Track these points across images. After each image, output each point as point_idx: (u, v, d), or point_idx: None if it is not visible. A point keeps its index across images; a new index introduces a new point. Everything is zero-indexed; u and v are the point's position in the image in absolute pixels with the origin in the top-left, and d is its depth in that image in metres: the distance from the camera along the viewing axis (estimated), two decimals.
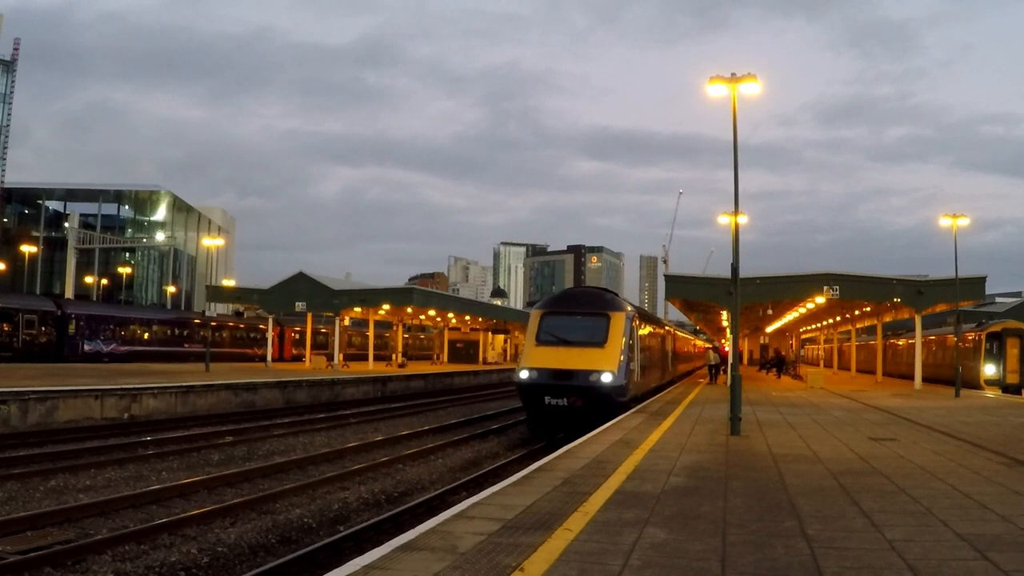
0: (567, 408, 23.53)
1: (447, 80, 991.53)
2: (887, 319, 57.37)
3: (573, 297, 28.26)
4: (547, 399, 23.71)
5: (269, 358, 62.77)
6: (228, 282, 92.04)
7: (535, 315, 26.19)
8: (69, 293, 74.06)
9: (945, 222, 40.67)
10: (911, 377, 45.98)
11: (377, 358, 67.82)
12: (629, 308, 26.76)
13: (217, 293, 74.98)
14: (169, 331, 64.54)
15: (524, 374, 24.28)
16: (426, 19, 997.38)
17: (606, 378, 23.61)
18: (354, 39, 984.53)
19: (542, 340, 24.86)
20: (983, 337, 45.84)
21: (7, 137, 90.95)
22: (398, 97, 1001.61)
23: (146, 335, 61.69)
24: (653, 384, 34.57)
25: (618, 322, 25.06)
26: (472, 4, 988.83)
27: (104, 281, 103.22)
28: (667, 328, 45.90)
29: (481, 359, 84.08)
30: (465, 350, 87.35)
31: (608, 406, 23.40)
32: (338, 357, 60.43)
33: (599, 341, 24.44)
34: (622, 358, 24.38)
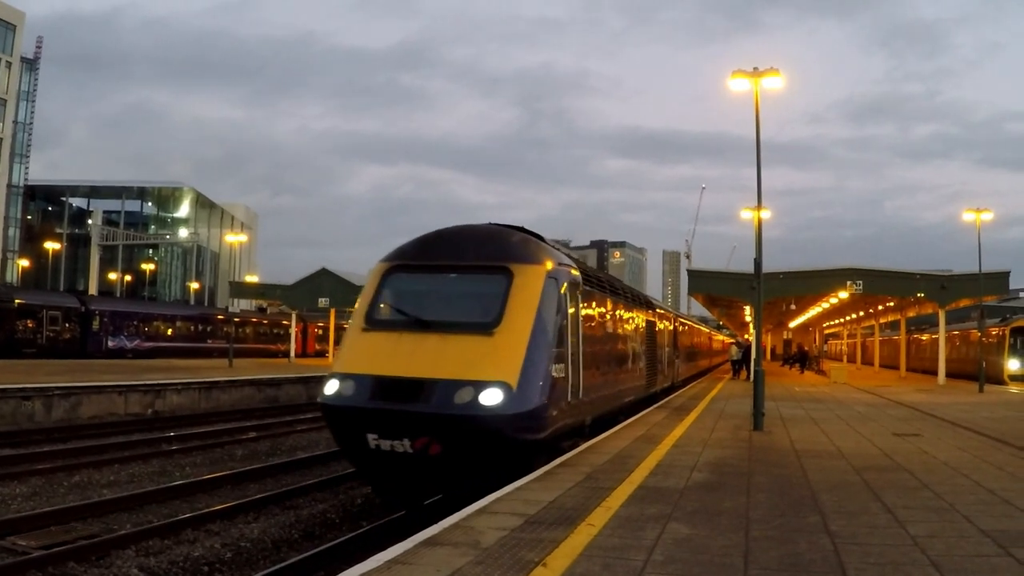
0: (413, 459, 12.12)
1: (482, 81, 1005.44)
2: (911, 314, 57.12)
3: (447, 240, 14.35)
4: (372, 439, 12.19)
5: (292, 354, 63.06)
6: (251, 278, 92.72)
7: (375, 273, 14.23)
8: (93, 289, 74.66)
9: (969, 217, 40.43)
10: (935, 372, 45.80)
11: None
12: (558, 262, 14.27)
13: (240, 289, 75.55)
14: (192, 327, 64.90)
15: (331, 387, 12.79)
16: (464, 23, 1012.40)
17: (491, 397, 11.90)
18: (393, 43, 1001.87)
19: (375, 321, 13.45)
20: (1007, 332, 45.49)
21: (31, 135, 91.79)
22: (433, 98, 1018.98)
23: (169, 331, 62.06)
24: (629, 397, 21.66)
25: (528, 284, 13.13)
26: (510, 8, 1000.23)
27: (128, 277, 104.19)
28: (659, 310, 31.20)
29: None
30: None
31: (500, 452, 12.20)
32: None
33: (486, 322, 12.72)
34: (536, 356, 12.58)
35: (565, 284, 14.09)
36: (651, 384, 26.12)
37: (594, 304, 17.01)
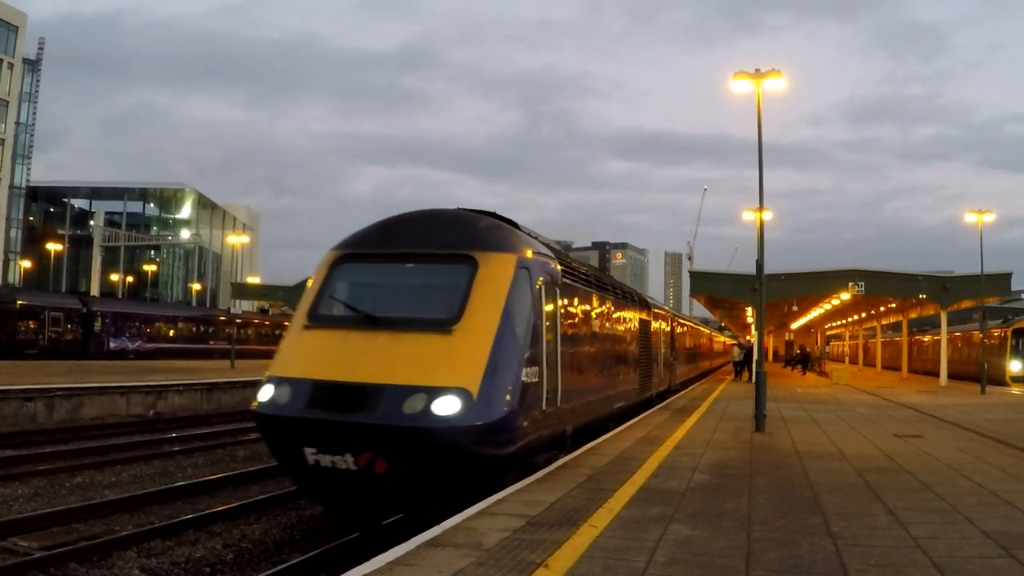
0: (357, 477, 10.62)
1: (484, 83, 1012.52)
2: (912, 315, 57.11)
3: (405, 226, 12.76)
4: (310, 453, 10.72)
5: None
6: (253, 279, 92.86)
7: (323, 263, 12.81)
8: (95, 291, 74.77)
9: (971, 218, 40.45)
10: (937, 374, 45.75)
11: None
12: (532, 251, 12.60)
13: (242, 290, 75.67)
14: (194, 328, 64.98)
15: (265, 393, 11.60)
16: (466, 25, 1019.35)
17: (447, 406, 10.26)
18: (395, 45, 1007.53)
19: (319, 317, 12.01)
20: (1009, 333, 45.52)
21: (32, 136, 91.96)
22: (434, 100, 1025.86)
23: (171, 332, 62.15)
24: (619, 403, 19.76)
25: (495, 275, 11.50)
26: (512, 11, 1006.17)
27: (129, 279, 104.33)
28: (655, 309, 28.68)
29: None
30: None
31: (458, 470, 10.55)
32: None
33: (443, 318, 11.13)
34: (502, 358, 10.96)
35: (541, 276, 12.46)
36: (645, 388, 24.18)
37: (577, 300, 15.18)
